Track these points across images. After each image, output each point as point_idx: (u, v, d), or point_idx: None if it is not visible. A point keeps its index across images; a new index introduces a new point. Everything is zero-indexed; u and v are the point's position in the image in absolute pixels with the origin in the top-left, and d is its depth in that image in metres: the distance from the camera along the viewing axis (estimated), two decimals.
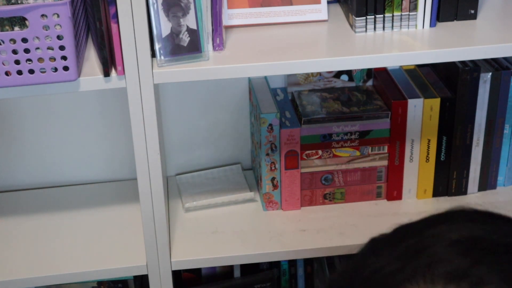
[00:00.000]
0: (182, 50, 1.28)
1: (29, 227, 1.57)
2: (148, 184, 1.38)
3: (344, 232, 1.51)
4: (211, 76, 1.28)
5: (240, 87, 1.67)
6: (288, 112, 1.56)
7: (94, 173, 1.71)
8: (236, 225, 1.54)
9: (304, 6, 1.41)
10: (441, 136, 1.54)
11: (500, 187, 1.63)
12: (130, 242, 1.51)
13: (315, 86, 1.64)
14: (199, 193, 1.63)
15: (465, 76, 1.49)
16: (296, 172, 1.55)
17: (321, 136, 1.53)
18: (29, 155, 1.68)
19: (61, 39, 1.18)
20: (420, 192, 1.59)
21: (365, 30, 1.37)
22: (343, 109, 1.55)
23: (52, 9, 1.16)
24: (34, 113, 1.63)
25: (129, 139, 1.36)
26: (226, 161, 1.74)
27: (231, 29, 1.40)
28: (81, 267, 1.46)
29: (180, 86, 1.64)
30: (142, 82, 1.28)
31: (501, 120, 1.55)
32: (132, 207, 1.61)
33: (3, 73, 1.19)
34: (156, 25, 1.26)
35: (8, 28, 1.18)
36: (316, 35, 1.39)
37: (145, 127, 1.32)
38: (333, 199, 1.59)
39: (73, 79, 1.22)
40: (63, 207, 1.63)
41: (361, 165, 1.57)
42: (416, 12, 1.36)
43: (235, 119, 1.70)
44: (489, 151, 1.57)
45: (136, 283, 1.63)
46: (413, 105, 1.51)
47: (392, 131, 1.54)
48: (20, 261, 1.48)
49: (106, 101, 1.63)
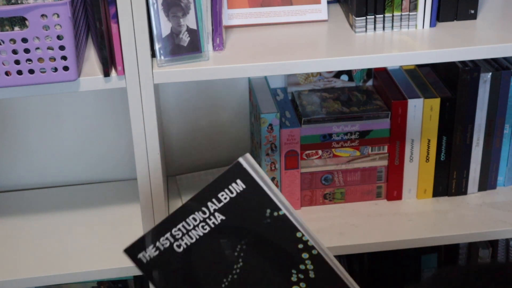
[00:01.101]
0: (182, 50, 1.28)
1: (29, 227, 1.57)
2: (148, 184, 1.38)
3: (344, 232, 1.51)
4: (211, 76, 1.28)
5: (240, 87, 1.67)
6: (288, 112, 1.56)
7: (94, 173, 1.71)
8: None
9: (304, 6, 1.41)
10: (441, 136, 1.54)
11: (500, 187, 1.63)
12: (130, 242, 1.51)
13: (315, 86, 1.64)
14: None
15: (465, 76, 1.49)
16: (296, 172, 1.55)
17: (321, 136, 1.53)
18: (29, 155, 1.68)
19: (61, 39, 1.18)
20: (420, 192, 1.59)
21: (365, 30, 1.37)
22: (343, 109, 1.55)
23: (52, 9, 1.16)
24: (34, 113, 1.63)
25: (129, 139, 1.36)
26: (226, 161, 1.74)
27: (231, 29, 1.40)
28: (81, 267, 1.46)
29: (180, 86, 1.64)
30: (142, 82, 1.28)
31: (501, 120, 1.55)
32: (132, 207, 1.61)
33: (3, 73, 1.19)
34: (156, 25, 1.26)
35: (8, 28, 1.18)
36: (316, 35, 1.39)
37: (145, 127, 1.32)
38: (333, 199, 1.59)
39: (73, 79, 1.22)
40: (63, 207, 1.63)
41: (361, 165, 1.57)
42: (416, 12, 1.36)
43: (235, 119, 1.70)
44: (489, 151, 1.57)
45: (136, 283, 1.63)
46: (413, 105, 1.51)
47: (392, 131, 1.54)
48: (20, 261, 1.48)
49: (106, 101, 1.63)
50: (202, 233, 1.08)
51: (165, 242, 1.09)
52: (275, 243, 1.08)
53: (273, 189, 1.06)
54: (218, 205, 1.06)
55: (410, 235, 1.50)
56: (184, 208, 1.08)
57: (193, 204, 1.07)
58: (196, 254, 1.10)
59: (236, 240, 1.09)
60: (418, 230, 1.51)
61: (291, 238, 1.08)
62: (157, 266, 1.11)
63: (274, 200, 1.05)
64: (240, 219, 1.07)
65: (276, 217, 1.06)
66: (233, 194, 1.05)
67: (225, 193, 1.05)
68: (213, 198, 1.06)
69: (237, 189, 1.05)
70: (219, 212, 1.07)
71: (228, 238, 1.08)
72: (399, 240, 1.48)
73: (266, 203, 1.05)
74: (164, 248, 1.10)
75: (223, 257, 1.10)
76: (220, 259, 1.10)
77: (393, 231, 1.50)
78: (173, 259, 1.10)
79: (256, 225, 1.07)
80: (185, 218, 1.08)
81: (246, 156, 1.04)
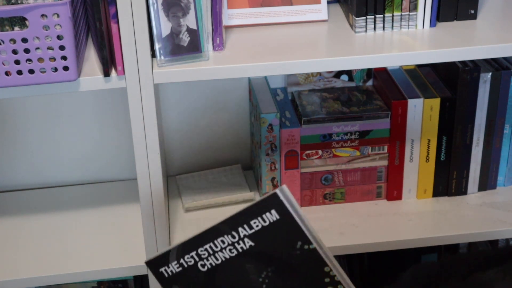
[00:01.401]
0: (182, 50, 1.28)
1: (29, 227, 1.57)
2: (148, 184, 1.38)
3: (344, 232, 1.51)
4: (211, 76, 1.28)
5: (240, 87, 1.67)
6: (288, 112, 1.56)
7: (94, 173, 1.71)
8: None
9: (304, 6, 1.41)
10: (441, 136, 1.54)
11: (500, 187, 1.63)
12: (130, 242, 1.51)
13: (315, 86, 1.64)
14: (199, 193, 1.63)
15: (465, 76, 1.49)
16: (296, 172, 1.55)
17: (321, 136, 1.53)
18: (29, 155, 1.68)
19: (61, 39, 1.18)
20: (420, 192, 1.59)
21: (365, 30, 1.37)
22: (343, 109, 1.55)
23: (52, 9, 1.16)
24: (34, 113, 1.63)
25: (129, 139, 1.36)
26: (226, 161, 1.74)
27: (231, 29, 1.40)
28: (81, 267, 1.46)
29: (180, 86, 1.64)
30: (142, 82, 1.28)
31: (501, 120, 1.55)
32: (132, 207, 1.61)
33: (3, 73, 1.19)
34: (156, 25, 1.26)
35: (8, 28, 1.18)
36: (316, 35, 1.39)
37: (145, 127, 1.32)
38: (333, 199, 1.59)
39: (73, 79, 1.22)
40: (63, 207, 1.63)
41: (361, 165, 1.57)
42: (416, 12, 1.36)
43: (235, 119, 1.70)
44: (489, 151, 1.57)
45: (136, 283, 1.63)
46: (413, 105, 1.51)
47: (392, 131, 1.54)
48: (20, 261, 1.48)
49: (106, 101, 1.63)
50: (229, 256, 1.08)
51: (189, 260, 1.09)
52: (302, 274, 1.08)
53: (306, 223, 1.05)
54: (249, 232, 1.06)
55: (410, 235, 1.50)
56: (214, 229, 1.07)
57: (224, 228, 1.06)
58: (220, 275, 1.09)
59: (263, 266, 1.08)
60: (418, 230, 1.51)
61: (319, 271, 1.08)
62: (178, 282, 1.11)
63: (306, 234, 1.05)
64: (269, 247, 1.07)
65: (307, 250, 1.06)
66: (266, 223, 1.05)
67: (258, 221, 1.05)
68: (245, 224, 1.05)
69: (270, 219, 1.04)
70: (249, 238, 1.06)
71: (254, 264, 1.08)
72: (399, 240, 1.48)
73: (298, 235, 1.05)
74: (188, 265, 1.09)
75: (247, 281, 1.09)
76: (243, 283, 1.10)
77: (393, 231, 1.50)
78: (195, 278, 1.10)
79: (285, 254, 1.07)
80: (214, 239, 1.07)
81: (283, 188, 1.04)
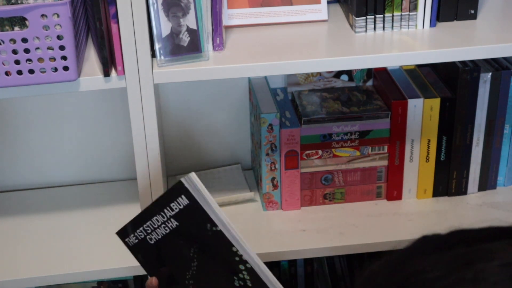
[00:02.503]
0: (182, 50, 1.28)
1: (29, 227, 1.57)
2: (148, 184, 1.38)
3: (344, 232, 1.51)
4: (211, 76, 1.28)
5: (240, 87, 1.67)
6: (288, 112, 1.56)
7: (94, 173, 1.71)
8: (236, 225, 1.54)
9: (304, 6, 1.41)
10: (441, 136, 1.54)
11: (500, 187, 1.63)
12: None
13: (315, 86, 1.64)
14: None
15: (465, 76, 1.49)
16: (296, 172, 1.55)
17: (321, 136, 1.53)
18: (29, 155, 1.68)
19: (61, 39, 1.18)
20: (420, 192, 1.59)
21: (365, 30, 1.37)
22: (343, 109, 1.55)
23: (52, 9, 1.16)
24: (34, 113, 1.63)
25: (129, 139, 1.36)
26: (226, 161, 1.74)
27: (231, 29, 1.40)
28: (81, 267, 1.46)
29: (180, 86, 1.64)
30: (142, 82, 1.28)
31: (501, 120, 1.55)
32: (132, 207, 1.60)
33: (3, 73, 1.19)
34: (156, 25, 1.26)
35: (8, 28, 1.18)
36: (316, 35, 1.39)
37: (145, 127, 1.32)
38: (333, 199, 1.59)
39: (73, 79, 1.22)
40: (63, 207, 1.63)
41: (361, 165, 1.57)
42: (416, 12, 1.36)
43: (235, 119, 1.70)
44: (489, 151, 1.57)
45: (136, 283, 1.63)
46: (413, 105, 1.51)
47: (392, 131, 1.54)
48: (20, 261, 1.48)
49: (106, 101, 1.63)
50: (165, 232, 1.21)
51: (140, 234, 1.23)
52: (217, 253, 1.20)
53: (212, 207, 1.17)
54: (172, 213, 1.19)
55: (410, 235, 1.49)
56: (149, 209, 1.21)
57: (155, 208, 1.20)
58: (164, 248, 1.23)
59: (189, 244, 1.21)
60: (418, 230, 1.50)
61: (229, 251, 1.19)
62: (139, 250, 1.25)
63: (212, 217, 1.17)
64: (189, 227, 1.19)
65: (215, 231, 1.18)
66: (181, 206, 1.18)
67: (175, 204, 1.18)
68: (168, 206, 1.19)
69: (182, 203, 1.17)
70: (173, 218, 1.19)
71: (183, 241, 1.21)
72: (399, 240, 1.48)
73: (206, 218, 1.17)
74: (140, 238, 1.24)
75: (183, 255, 1.22)
76: (181, 256, 1.22)
77: (393, 231, 1.50)
78: (149, 249, 1.23)
79: (202, 235, 1.19)
80: (150, 218, 1.21)
81: (190, 175, 1.16)
